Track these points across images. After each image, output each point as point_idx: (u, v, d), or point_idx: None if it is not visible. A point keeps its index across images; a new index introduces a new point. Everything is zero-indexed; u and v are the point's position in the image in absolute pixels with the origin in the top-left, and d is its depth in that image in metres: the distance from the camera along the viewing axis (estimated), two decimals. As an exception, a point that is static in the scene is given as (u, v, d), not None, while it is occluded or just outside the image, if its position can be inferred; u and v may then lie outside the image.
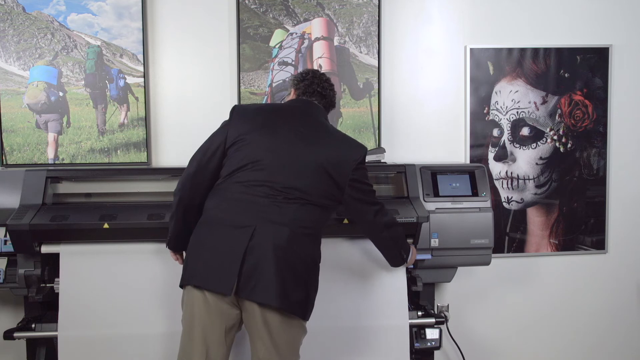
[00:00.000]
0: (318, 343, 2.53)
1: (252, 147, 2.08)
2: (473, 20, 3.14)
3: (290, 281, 2.00)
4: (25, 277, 2.50)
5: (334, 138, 2.19)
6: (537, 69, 3.15)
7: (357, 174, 2.17)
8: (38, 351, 2.63)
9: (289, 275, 2.00)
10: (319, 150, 2.11)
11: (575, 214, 3.23)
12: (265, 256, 1.97)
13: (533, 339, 3.31)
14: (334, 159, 2.11)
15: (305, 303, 2.06)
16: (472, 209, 2.70)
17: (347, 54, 3.05)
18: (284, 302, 1.98)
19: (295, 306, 2.02)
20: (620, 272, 3.31)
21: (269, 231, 1.99)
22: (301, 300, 2.03)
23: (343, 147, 2.17)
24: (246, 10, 2.98)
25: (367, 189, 2.22)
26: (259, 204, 2.03)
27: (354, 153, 2.17)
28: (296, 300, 2.01)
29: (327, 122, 2.28)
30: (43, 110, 2.91)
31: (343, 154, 2.15)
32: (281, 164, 2.06)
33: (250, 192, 2.04)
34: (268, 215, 2.01)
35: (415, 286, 2.68)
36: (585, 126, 3.21)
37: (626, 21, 3.22)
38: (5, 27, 2.88)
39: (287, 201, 2.04)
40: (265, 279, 1.96)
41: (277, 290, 1.96)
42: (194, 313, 2.05)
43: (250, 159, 2.06)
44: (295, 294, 2.01)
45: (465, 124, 3.15)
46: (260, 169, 2.05)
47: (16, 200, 2.51)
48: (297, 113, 2.21)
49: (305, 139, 2.12)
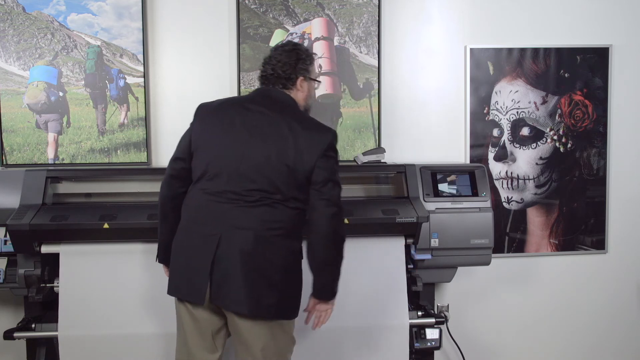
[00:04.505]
0: (318, 343, 2.53)
1: (210, 151, 2.02)
2: (473, 20, 3.14)
3: (261, 286, 1.95)
4: (25, 277, 2.50)
5: (295, 127, 2.01)
6: (537, 69, 3.15)
7: (321, 162, 1.99)
8: (38, 351, 2.63)
9: (259, 280, 1.95)
10: (277, 144, 1.98)
11: (575, 214, 3.23)
12: (233, 263, 1.94)
13: (533, 339, 3.31)
14: (294, 150, 1.98)
15: (282, 305, 1.99)
16: (472, 209, 2.70)
17: (347, 54, 3.05)
18: (254, 308, 1.94)
19: (269, 310, 1.96)
20: (620, 272, 3.31)
21: (234, 237, 1.95)
22: (274, 304, 1.96)
23: (305, 136, 2.00)
24: (246, 10, 2.99)
25: (324, 180, 2.00)
26: (223, 211, 1.98)
27: (318, 140, 2.00)
28: (269, 304, 1.96)
29: (289, 106, 2.09)
30: (43, 110, 2.91)
31: (305, 143, 1.99)
32: (238, 167, 1.98)
33: (214, 199, 1.99)
34: (232, 220, 1.96)
35: (415, 286, 2.68)
36: (585, 126, 3.21)
37: (626, 21, 3.22)
38: (5, 27, 2.88)
39: (251, 204, 1.97)
40: (234, 287, 1.94)
41: (247, 297, 1.93)
42: (181, 322, 2.08)
43: (209, 165, 2.01)
44: (268, 298, 1.95)
45: (465, 124, 3.15)
46: (220, 175, 1.99)
47: (16, 200, 2.51)
48: (254, 106, 2.06)
49: (263, 134, 1.99)
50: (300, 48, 2.15)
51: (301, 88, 2.12)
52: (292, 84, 2.11)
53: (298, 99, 2.12)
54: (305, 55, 2.14)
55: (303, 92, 2.13)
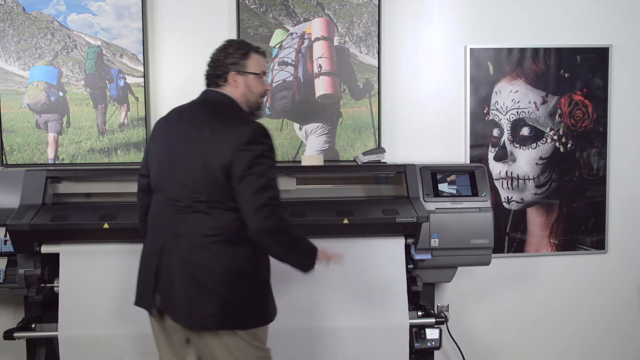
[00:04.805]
0: (318, 343, 2.53)
1: (153, 164, 2.04)
2: (473, 20, 3.14)
3: (199, 295, 1.89)
4: (25, 277, 2.50)
5: (217, 126, 1.92)
6: (537, 69, 3.15)
7: (238, 156, 1.86)
8: (38, 351, 2.63)
9: (196, 289, 1.90)
10: (201, 147, 1.91)
11: (575, 214, 3.23)
12: (174, 273, 1.92)
13: (533, 339, 3.31)
14: (216, 150, 1.88)
15: (227, 314, 1.90)
16: (472, 209, 2.70)
17: (347, 54, 3.05)
18: (193, 318, 1.91)
19: (209, 320, 1.90)
20: (620, 272, 3.31)
21: (174, 247, 1.93)
22: (215, 313, 1.88)
23: (225, 132, 1.90)
24: (246, 10, 2.98)
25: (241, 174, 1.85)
26: (168, 221, 1.97)
27: (237, 135, 1.88)
28: (209, 314, 1.89)
29: (219, 104, 2.01)
30: (43, 110, 2.91)
31: (225, 140, 1.89)
32: (173, 176, 1.96)
33: (161, 210, 2.00)
34: (174, 230, 1.94)
35: (415, 286, 2.68)
36: (585, 126, 3.21)
37: (626, 21, 3.22)
38: (5, 27, 2.88)
39: (190, 212, 1.92)
40: (176, 297, 1.92)
41: (186, 308, 1.90)
42: (153, 331, 2.10)
43: (154, 178, 2.03)
44: (207, 308, 1.89)
45: (465, 124, 3.15)
46: (161, 186, 2.00)
47: (16, 200, 2.51)
48: (188, 111, 2.03)
49: (190, 140, 1.94)
50: (232, 43, 2.07)
51: (234, 83, 2.02)
52: (223, 80, 2.02)
53: (235, 96, 2.03)
54: (234, 49, 2.03)
55: (238, 87, 2.02)
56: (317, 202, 2.64)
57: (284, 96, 3.02)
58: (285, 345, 2.52)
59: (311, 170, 2.81)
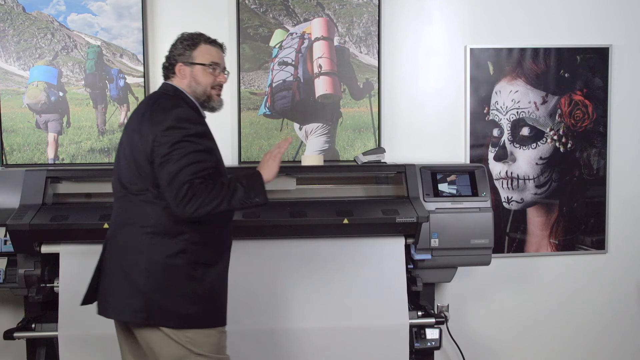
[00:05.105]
0: (318, 343, 2.53)
1: None
2: (473, 20, 3.14)
3: (126, 290, 1.85)
4: (25, 277, 2.50)
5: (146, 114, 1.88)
6: (537, 69, 3.15)
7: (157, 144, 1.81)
8: (38, 351, 2.63)
9: (124, 283, 1.85)
10: (133, 138, 1.88)
11: (575, 214, 3.23)
12: (109, 266, 1.91)
13: (533, 339, 3.30)
14: (141, 140, 1.85)
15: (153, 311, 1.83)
16: (472, 209, 2.70)
17: (347, 54, 3.05)
18: (120, 313, 1.87)
19: (135, 316, 1.84)
20: (620, 272, 3.31)
21: (112, 238, 1.93)
22: (141, 309, 1.82)
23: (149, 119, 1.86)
24: (246, 10, 2.98)
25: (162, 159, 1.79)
26: (113, 213, 1.97)
27: (159, 120, 1.83)
28: (135, 309, 1.83)
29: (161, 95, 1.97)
30: (43, 110, 2.91)
31: (147, 127, 1.84)
32: (116, 167, 1.96)
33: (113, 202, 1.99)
34: (114, 221, 1.95)
35: (415, 286, 2.68)
36: (585, 126, 3.21)
37: (626, 21, 3.22)
38: (5, 27, 2.88)
39: (125, 202, 1.91)
40: (108, 291, 1.90)
41: (114, 302, 1.87)
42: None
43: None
44: (133, 303, 1.83)
45: (465, 124, 3.15)
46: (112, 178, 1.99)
47: (16, 200, 2.51)
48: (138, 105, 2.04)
49: (127, 131, 1.94)
50: (183, 35, 2.04)
51: (180, 74, 1.98)
52: (172, 72, 2.00)
53: (182, 87, 1.98)
54: (179, 40, 2.02)
55: (185, 78, 1.98)
56: (317, 202, 2.64)
57: (284, 96, 3.02)
58: (285, 345, 2.52)
59: (311, 170, 2.82)
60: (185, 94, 1.98)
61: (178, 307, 1.84)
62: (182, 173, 1.76)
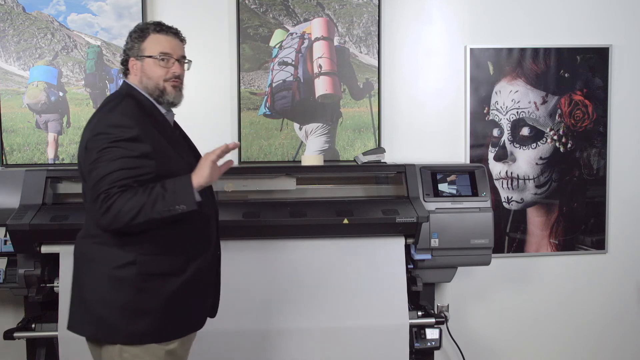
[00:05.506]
0: (318, 343, 2.53)
1: None
2: (473, 20, 3.14)
3: (78, 302, 1.81)
4: (25, 277, 2.50)
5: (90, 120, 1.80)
6: (537, 69, 3.15)
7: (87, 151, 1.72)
8: (38, 351, 2.63)
9: (77, 296, 1.82)
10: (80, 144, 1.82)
11: (575, 214, 3.23)
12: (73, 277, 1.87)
13: (533, 339, 3.30)
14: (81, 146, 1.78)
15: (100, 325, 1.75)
16: (472, 209, 2.70)
17: (347, 54, 3.05)
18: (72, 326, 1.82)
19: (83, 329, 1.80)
20: (620, 272, 3.31)
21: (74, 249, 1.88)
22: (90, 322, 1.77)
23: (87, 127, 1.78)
24: (246, 10, 2.98)
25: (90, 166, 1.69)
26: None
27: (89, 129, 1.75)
28: (83, 322, 1.79)
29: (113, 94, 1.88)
30: (43, 110, 2.91)
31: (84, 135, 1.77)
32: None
33: None
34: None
35: (415, 286, 2.68)
36: (585, 126, 3.21)
37: (626, 21, 3.22)
38: (5, 27, 2.88)
39: (85, 211, 1.87)
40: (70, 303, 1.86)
41: (70, 314, 1.83)
42: None
43: None
44: (84, 316, 1.78)
45: (465, 124, 3.15)
46: None
47: (16, 200, 2.51)
48: None
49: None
50: (136, 26, 1.91)
51: (133, 70, 1.86)
52: (127, 69, 1.89)
53: (136, 84, 1.86)
54: (130, 33, 1.89)
55: (136, 74, 1.86)
56: (317, 202, 2.64)
57: (284, 96, 3.02)
58: (286, 345, 2.52)
59: (311, 170, 2.82)
60: (138, 91, 1.85)
61: (128, 321, 1.73)
62: (101, 181, 1.65)
